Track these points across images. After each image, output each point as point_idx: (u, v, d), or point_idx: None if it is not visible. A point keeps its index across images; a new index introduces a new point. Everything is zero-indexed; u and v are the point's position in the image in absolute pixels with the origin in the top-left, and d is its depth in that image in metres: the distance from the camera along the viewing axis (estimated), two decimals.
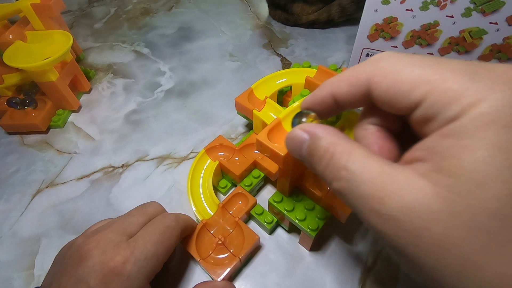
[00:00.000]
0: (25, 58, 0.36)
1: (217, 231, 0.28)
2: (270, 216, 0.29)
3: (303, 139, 0.16)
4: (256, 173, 0.32)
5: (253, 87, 0.33)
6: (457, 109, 0.11)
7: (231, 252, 0.26)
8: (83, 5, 0.63)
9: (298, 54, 0.49)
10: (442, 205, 0.11)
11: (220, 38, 0.53)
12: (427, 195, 0.11)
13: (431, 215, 0.11)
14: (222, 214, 0.28)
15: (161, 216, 0.24)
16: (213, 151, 0.32)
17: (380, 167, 0.12)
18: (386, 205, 0.12)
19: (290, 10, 0.53)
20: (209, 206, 0.29)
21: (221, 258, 0.26)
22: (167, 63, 0.49)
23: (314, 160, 0.15)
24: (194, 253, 0.26)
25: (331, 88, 0.16)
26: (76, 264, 0.20)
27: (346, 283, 0.26)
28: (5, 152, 0.38)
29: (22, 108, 0.38)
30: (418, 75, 0.12)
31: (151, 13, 0.60)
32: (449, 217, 0.10)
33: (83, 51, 0.51)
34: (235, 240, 0.27)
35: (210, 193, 0.30)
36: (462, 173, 0.10)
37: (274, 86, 0.34)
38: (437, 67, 0.12)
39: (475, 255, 0.10)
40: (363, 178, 0.13)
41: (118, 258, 0.20)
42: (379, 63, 0.14)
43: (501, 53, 0.30)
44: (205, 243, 0.27)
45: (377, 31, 0.34)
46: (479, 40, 0.30)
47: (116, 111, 0.42)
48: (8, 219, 0.32)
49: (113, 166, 0.36)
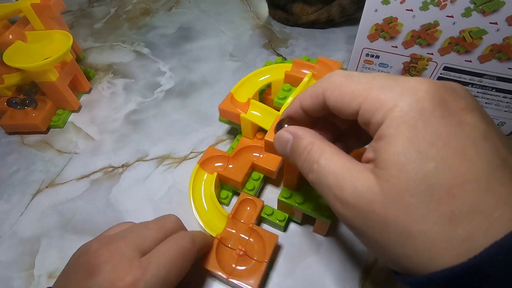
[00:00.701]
0: (25, 58, 0.36)
1: (234, 243, 0.27)
2: (281, 214, 0.29)
3: (287, 139, 0.19)
4: (255, 176, 0.31)
5: (232, 91, 0.32)
6: (382, 114, 0.15)
7: (255, 259, 0.26)
8: (83, 5, 0.63)
9: (298, 54, 0.49)
10: (380, 190, 0.14)
11: (220, 38, 0.53)
12: (371, 184, 0.14)
13: (374, 198, 0.14)
14: (234, 225, 0.28)
15: (178, 235, 0.23)
16: (207, 163, 0.32)
17: (343, 163, 0.16)
18: (344, 192, 0.15)
19: (290, 10, 0.53)
20: (218, 220, 0.28)
21: (248, 269, 0.26)
22: (167, 63, 0.49)
23: (295, 156, 0.18)
24: (219, 271, 0.25)
25: (300, 102, 0.20)
26: (87, 276, 0.19)
27: (346, 283, 0.26)
28: (5, 152, 0.38)
29: (22, 108, 0.38)
30: (355, 89, 0.16)
31: (151, 13, 0.60)
32: (385, 199, 0.14)
33: (83, 51, 0.51)
34: (256, 246, 0.27)
35: (217, 206, 0.29)
36: (389, 164, 0.14)
37: (254, 87, 0.34)
38: (367, 83, 0.16)
39: (407, 225, 0.13)
40: (329, 171, 0.16)
41: (128, 279, 0.19)
42: (330, 79, 0.18)
43: (501, 53, 0.30)
44: (225, 257, 0.26)
45: (377, 31, 0.34)
46: (479, 40, 0.30)
47: (116, 111, 0.42)
48: (8, 219, 0.32)
49: (113, 166, 0.36)
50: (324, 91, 0.18)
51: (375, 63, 0.37)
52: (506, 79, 0.32)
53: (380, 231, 0.14)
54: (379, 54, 0.36)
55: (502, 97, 0.34)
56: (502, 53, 0.30)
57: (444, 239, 0.13)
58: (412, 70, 0.35)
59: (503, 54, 0.30)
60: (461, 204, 0.13)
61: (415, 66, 0.35)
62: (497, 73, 0.32)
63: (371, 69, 0.38)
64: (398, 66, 0.36)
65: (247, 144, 0.32)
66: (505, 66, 0.31)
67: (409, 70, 0.36)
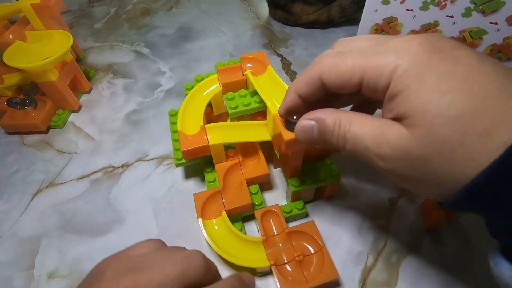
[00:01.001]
0: (25, 58, 0.36)
1: (287, 256, 0.26)
2: (297, 204, 0.29)
3: (311, 126, 0.20)
4: (254, 189, 0.30)
5: (179, 129, 0.29)
6: (386, 77, 0.16)
7: (313, 253, 0.26)
8: (83, 5, 0.63)
9: (298, 54, 0.49)
10: (412, 137, 0.16)
11: (220, 38, 0.53)
12: (403, 133, 0.16)
13: (409, 145, 0.16)
14: (272, 242, 0.27)
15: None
16: (207, 211, 0.28)
17: (372, 124, 0.17)
18: (382, 149, 0.17)
19: (290, 10, 0.53)
20: (256, 250, 0.26)
21: (316, 265, 0.26)
22: (167, 63, 0.49)
23: (326, 136, 0.19)
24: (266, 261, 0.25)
25: (295, 91, 0.21)
26: None
27: (346, 283, 0.26)
28: (5, 152, 0.38)
29: (22, 108, 0.38)
30: (352, 64, 0.18)
31: (151, 13, 0.60)
32: (419, 141, 0.15)
33: (83, 51, 0.51)
34: (304, 242, 0.27)
35: (248, 239, 0.27)
36: (412, 112, 0.15)
37: (198, 112, 0.30)
38: (361, 55, 0.18)
39: (445, 151, 0.15)
40: (363, 134, 0.17)
41: None
42: (322, 62, 0.19)
43: (501, 53, 0.30)
44: (293, 274, 0.25)
45: (377, 31, 0.34)
46: (479, 40, 0.30)
47: (116, 111, 0.42)
48: (8, 219, 0.32)
49: (113, 166, 0.36)
50: (320, 75, 0.19)
51: None
52: None
53: (424, 167, 0.16)
54: None
55: None
56: (502, 53, 0.30)
57: (481, 150, 0.14)
58: None
59: (503, 54, 0.30)
60: (488, 119, 0.14)
61: None
62: None
63: None
64: None
65: (226, 167, 0.30)
66: None
67: None
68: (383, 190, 0.32)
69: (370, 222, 0.30)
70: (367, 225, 0.30)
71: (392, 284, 0.26)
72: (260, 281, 0.27)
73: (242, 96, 0.31)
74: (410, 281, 0.26)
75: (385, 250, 0.28)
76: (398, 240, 0.29)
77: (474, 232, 0.29)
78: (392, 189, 0.32)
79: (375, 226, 0.30)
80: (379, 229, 0.30)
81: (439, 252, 0.28)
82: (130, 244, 0.21)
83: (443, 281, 0.26)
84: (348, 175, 0.34)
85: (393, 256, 0.28)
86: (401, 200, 0.32)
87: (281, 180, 0.34)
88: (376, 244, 0.29)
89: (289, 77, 0.45)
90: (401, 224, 0.30)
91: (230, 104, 0.30)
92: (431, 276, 0.27)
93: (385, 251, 0.28)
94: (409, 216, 0.30)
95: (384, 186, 0.33)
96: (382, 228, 0.30)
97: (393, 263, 0.28)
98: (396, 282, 0.27)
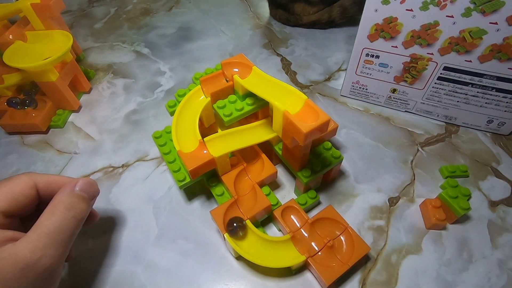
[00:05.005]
0: (25, 58, 0.36)
1: (317, 244, 0.27)
2: (311, 193, 0.30)
3: None
4: (266, 190, 0.30)
5: (177, 148, 0.28)
6: None
7: (338, 258, 0.26)
8: (83, 5, 0.63)
9: (298, 54, 0.49)
10: None
11: (220, 38, 0.53)
12: None
13: None
14: (300, 238, 0.27)
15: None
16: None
17: None
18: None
19: (291, 10, 0.53)
20: (288, 252, 0.26)
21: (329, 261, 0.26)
22: (167, 63, 0.49)
23: None
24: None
25: None
26: None
27: (346, 283, 0.26)
28: (5, 152, 0.38)
29: (22, 108, 0.38)
30: None
31: (151, 13, 0.60)
32: None
33: (83, 51, 0.51)
34: (326, 228, 0.28)
35: (278, 241, 0.27)
36: None
37: (192, 128, 0.29)
38: None
39: None
40: None
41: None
42: None
43: (501, 53, 0.30)
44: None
45: (377, 31, 0.34)
46: (479, 40, 0.30)
47: (116, 111, 0.42)
48: None
49: (113, 166, 0.36)
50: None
51: (375, 63, 0.37)
52: (506, 79, 0.32)
53: None
54: (379, 54, 0.36)
55: (502, 97, 0.34)
56: (502, 53, 0.30)
57: None
58: (412, 70, 0.35)
59: (503, 54, 0.30)
60: None
61: (415, 66, 0.35)
62: (497, 73, 0.32)
63: (371, 69, 0.38)
64: (398, 66, 0.36)
65: (233, 176, 0.30)
66: (505, 66, 0.31)
67: (409, 70, 0.36)
68: (383, 190, 0.32)
69: (370, 222, 0.30)
70: (367, 225, 0.30)
71: (392, 284, 0.26)
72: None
73: (232, 102, 0.31)
74: (410, 281, 0.26)
75: (385, 250, 0.28)
76: (398, 240, 0.29)
77: (474, 233, 0.29)
78: (392, 189, 0.32)
79: (375, 226, 0.30)
80: (379, 229, 0.30)
81: (439, 252, 0.28)
82: (130, 243, 0.21)
83: (443, 281, 0.26)
84: (348, 176, 0.34)
85: (393, 256, 0.28)
86: (401, 200, 0.32)
87: (284, 176, 0.34)
88: (376, 244, 0.29)
89: (289, 77, 0.45)
90: (401, 224, 0.30)
91: (224, 112, 0.30)
92: (431, 276, 0.27)
93: (385, 251, 0.28)
94: (409, 216, 0.30)
95: (384, 186, 0.33)
96: (382, 228, 0.30)
97: (393, 263, 0.28)
98: (396, 282, 0.27)
